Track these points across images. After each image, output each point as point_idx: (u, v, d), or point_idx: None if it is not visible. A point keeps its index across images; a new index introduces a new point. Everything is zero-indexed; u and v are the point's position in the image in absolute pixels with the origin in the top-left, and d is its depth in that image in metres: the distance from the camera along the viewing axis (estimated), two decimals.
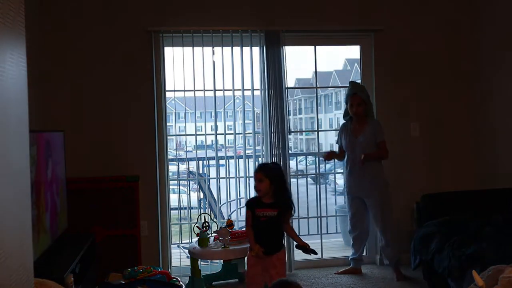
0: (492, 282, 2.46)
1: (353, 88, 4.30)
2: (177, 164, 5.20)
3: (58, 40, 4.29)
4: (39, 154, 2.99)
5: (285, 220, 3.38)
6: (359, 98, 4.23)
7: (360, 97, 4.24)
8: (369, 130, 4.23)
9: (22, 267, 1.50)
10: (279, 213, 3.29)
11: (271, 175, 3.31)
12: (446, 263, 3.38)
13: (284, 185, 3.44)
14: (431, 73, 4.79)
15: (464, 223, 3.80)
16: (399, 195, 4.64)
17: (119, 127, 4.39)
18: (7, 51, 1.42)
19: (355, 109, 4.24)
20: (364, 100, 4.26)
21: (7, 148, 1.41)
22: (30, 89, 1.68)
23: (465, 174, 4.80)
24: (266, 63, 4.46)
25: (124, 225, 4.13)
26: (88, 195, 4.07)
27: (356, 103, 4.23)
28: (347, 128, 4.35)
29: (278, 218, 3.30)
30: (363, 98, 4.25)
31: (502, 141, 4.53)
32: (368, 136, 4.22)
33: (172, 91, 4.59)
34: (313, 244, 5.12)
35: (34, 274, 1.70)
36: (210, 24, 4.44)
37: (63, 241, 3.37)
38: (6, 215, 1.38)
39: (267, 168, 3.40)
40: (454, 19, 4.82)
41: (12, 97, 1.47)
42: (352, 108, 4.25)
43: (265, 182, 3.30)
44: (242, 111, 4.81)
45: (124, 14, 4.38)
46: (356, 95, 4.24)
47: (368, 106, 4.30)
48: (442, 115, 4.82)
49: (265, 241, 3.30)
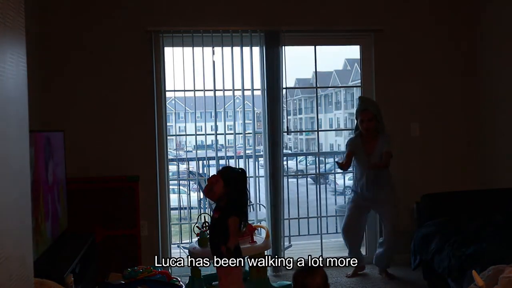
0: (492, 282, 2.46)
1: (364, 103, 4.20)
2: (177, 164, 5.21)
3: (58, 40, 4.29)
4: (39, 154, 2.99)
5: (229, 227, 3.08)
6: (370, 113, 4.13)
7: (371, 112, 4.14)
8: (380, 145, 4.13)
9: (22, 267, 1.51)
10: (220, 216, 3.14)
11: (226, 176, 3.15)
12: (446, 263, 3.38)
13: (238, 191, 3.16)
14: (431, 73, 4.79)
15: (464, 223, 3.80)
16: (399, 195, 4.65)
17: (119, 127, 4.39)
18: (7, 51, 1.42)
19: (365, 125, 4.13)
20: (375, 115, 4.16)
21: (7, 148, 1.41)
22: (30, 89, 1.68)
23: (465, 174, 4.80)
24: (266, 63, 4.46)
25: (124, 225, 4.13)
26: (88, 195, 4.07)
27: (367, 118, 4.13)
28: (358, 144, 4.21)
29: (219, 221, 3.13)
30: (374, 113, 4.15)
31: (502, 141, 4.53)
32: (380, 153, 4.11)
33: (172, 91, 4.59)
34: (313, 244, 5.19)
35: (34, 274, 1.70)
36: (210, 24, 4.44)
37: (63, 241, 3.37)
38: (6, 215, 1.38)
39: (224, 169, 3.29)
40: (454, 19, 4.82)
41: (12, 97, 1.47)
42: (363, 123, 4.14)
43: (219, 184, 3.14)
44: (242, 111, 4.81)
45: (124, 14, 4.38)
46: (367, 110, 4.14)
47: (379, 121, 4.20)
48: (442, 115, 4.81)
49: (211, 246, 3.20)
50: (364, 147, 4.19)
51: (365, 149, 4.19)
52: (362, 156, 4.18)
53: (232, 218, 3.07)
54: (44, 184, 3.08)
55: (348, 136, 5.00)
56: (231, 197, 3.14)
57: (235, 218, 3.08)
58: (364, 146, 4.19)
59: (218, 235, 3.14)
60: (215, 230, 3.19)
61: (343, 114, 21.38)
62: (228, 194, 3.14)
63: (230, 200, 3.14)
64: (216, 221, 3.18)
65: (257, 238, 4.05)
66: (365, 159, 4.16)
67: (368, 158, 4.15)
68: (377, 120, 4.18)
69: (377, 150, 4.15)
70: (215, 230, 3.20)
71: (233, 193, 3.14)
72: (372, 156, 4.15)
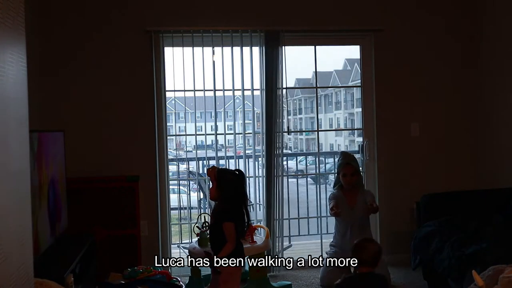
0: (492, 282, 2.47)
1: (346, 158, 4.32)
2: (177, 164, 5.21)
3: (58, 40, 4.29)
4: (39, 154, 2.99)
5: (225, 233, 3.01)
6: (352, 168, 4.25)
7: (354, 166, 4.26)
8: (362, 199, 4.24)
9: (22, 267, 1.51)
10: (215, 221, 3.09)
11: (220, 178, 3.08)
12: (446, 263, 3.38)
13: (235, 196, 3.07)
14: (431, 73, 4.79)
15: (464, 223, 3.80)
16: (399, 195, 4.65)
17: (119, 127, 4.39)
18: (7, 51, 1.42)
19: (349, 179, 4.25)
20: (357, 170, 4.29)
21: (7, 148, 1.41)
22: (30, 89, 1.68)
23: (465, 174, 4.80)
24: (266, 63, 4.46)
25: (124, 225, 4.13)
26: (88, 195, 4.07)
27: (350, 173, 4.24)
28: (340, 198, 4.28)
29: (215, 226, 3.08)
30: (356, 167, 4.28)
31: (502, 141, 4.53)
32: (363, 205, 4.21)
33: (172, 91, 4.59)
34: (313, 244, 5.19)
35: (34, 274, 1.70)
36: (210, 24, 4.44)
37: (63, 241, 3.37)
38: (6, 215, 1.38)
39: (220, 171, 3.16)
40: (454, 19, 4.82)
41: (12, 97, 1.47)
42: (346, 177, 4.25)
43: (213, 186, 3.10)
44: (242, 111, 4.81)
45: (124, 14, 4.38)
46: (349, 165, 4.26)
47: (359, 176, 4.34)
48: (442, 115, 4.82)
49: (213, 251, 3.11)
50: (347, 200, 4.27)
51: (348, 202, 4.26)
52: (345, 209, 4.23)
53: (226, 223, 3.00)
54: (44, 184, 3.08)
55: (348, 137, 5.01)
56: (224, 202, 3.08)
57: (230, 223, 3.00)
58: (347, 200, 4.27)
59: (216, 240, 3.09)
60: (212, 237, 3.14)
61: (343, 114, 21.38)
62: (221, 198, 3.09)
63: (223, 205, 3.08)
64: (211, 227, 3.16)
65: (257, 238, 4.06)
66: (349, 212, 4.22)
67: (352, 210, 4.23)
68: (358, 174, 4.29)
69: (359, 202, 4.23)
70: (212, 236, 3.15)
71: (227, 198, 3.07)
72: (356, 208, 4.23)
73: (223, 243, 3.01)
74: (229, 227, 3.01)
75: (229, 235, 3.00)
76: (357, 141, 11.66)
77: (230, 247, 3.01)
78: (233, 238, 3.02)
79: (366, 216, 4.21)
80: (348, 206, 4.25)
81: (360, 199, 4.25)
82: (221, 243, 3.02)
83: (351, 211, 4.23)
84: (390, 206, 4.65)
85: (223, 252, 3.00)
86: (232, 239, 3.01)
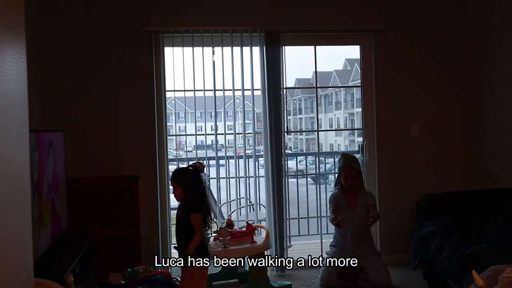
0: (492, 282, 2.47)
1: (347, 160, 4.32)
2: (177, 164, 5.20)
3: (58, 40, 4.29)
4: (39, 154, 2.99)
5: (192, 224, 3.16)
6: (353, 170, 4.25)
7: (355, 168, 4.26)
8: (363, 200, 4.25)
9: (22, 267, 1.51)
10: (182, 213, 3.21)
11: (182, 182, 3.21)
12: (446, 263, 3.38)
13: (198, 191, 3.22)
14: (431, 73, 4.79)
15: (464, 223, 3.80)
16: (399, 195, 4.65)
17: (119, 127, 4.39)
18: (7, 51, 1.42)
19: (350, 181, 4.25)
20: (358, 172, 4.29)
21: (7, 148, 1.41)
22: (30, 89, 1.68)
23: (465, 174, 4.80)
24: (266, 63, 4.46)
25: (124, 225, 4.13)
26: (88, 195, 4.07)
27: (351, 175, 4.25)
28: (341, 200, 4.29)
29: (182, 218, 3.20)
30: (357, 169, 4.28)
31: (502, 141, 4.53)
32: (363, 207, 4.23)
33: (172, 91, 4.59)
34: (313, 244, 5.19)
35: (34, 274, 1.70)
36: (210, 24, 4.44)
37: (63, 241, 3.37)
38: (6, 215, 1.38)
39: (177, 175, 3.28)
40: (454, 20, 4.82)
41: (12, 97, 1.47)
42: (347, 179, 4.26)
43: (178, 189, 3.21)
44: (242, 111, 4.81)
45: (124, 14, 4.38)
46: (350, 167, 4.26)
47: (360, 177, 4.35)
48: (442, 115, 4.82)
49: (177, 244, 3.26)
50: (348, 201, 4.28)
51: (349, 204, 4.27)
52: (346, 211, 4.24)
53: (193, 214, 3.14)
54: (44, 184, 3.08)
55: (348, 137, 5.01)
56: (191, 196, 3.21)
57: (197, 214, 3.14)
58: (347, 201, 4.28)
59: (182, 232, 3.20)
60: (179, 228, 3.25)
61: (343, 114, 21.41)
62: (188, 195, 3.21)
63: (189, 198, 3.20)
64: (179, 219, 3.24)
65: (257, 238, 4.06)
66: (350, 213, 4.23)
67: (353, 212, 4.23)
68: (359, 176, 4.30)
69: (360, 204, 4.24)
70: (179, 227, 3.25)
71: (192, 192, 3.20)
72: (356, 210, 4.24)
73: (190, 235, 3.13)
74: (197, 218, 3.15)
75: (196, 225, 3.15)
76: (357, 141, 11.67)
77: (199, 237, 3.14)
78: (201, 229, 3.16)
79: (366, 221, 4.17)
80: (348, 207, 4.26)
81: (361, 200, 4.25)
82: (188, 234, 3.14)
83: (352, 212, 4.23)
84: (390, 206, 4.65)
85: (192, 244, 3.12)
86: (200, 229, 3.16)
